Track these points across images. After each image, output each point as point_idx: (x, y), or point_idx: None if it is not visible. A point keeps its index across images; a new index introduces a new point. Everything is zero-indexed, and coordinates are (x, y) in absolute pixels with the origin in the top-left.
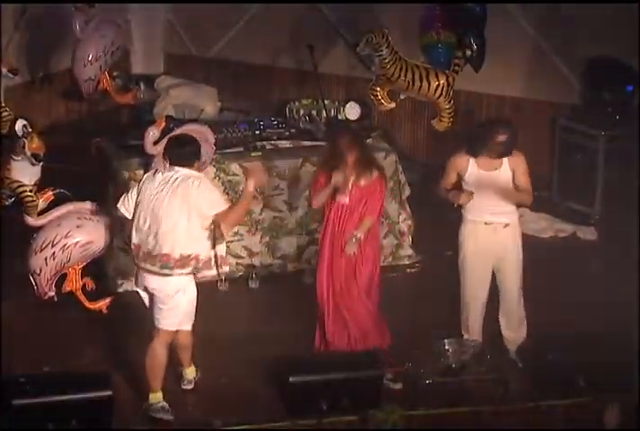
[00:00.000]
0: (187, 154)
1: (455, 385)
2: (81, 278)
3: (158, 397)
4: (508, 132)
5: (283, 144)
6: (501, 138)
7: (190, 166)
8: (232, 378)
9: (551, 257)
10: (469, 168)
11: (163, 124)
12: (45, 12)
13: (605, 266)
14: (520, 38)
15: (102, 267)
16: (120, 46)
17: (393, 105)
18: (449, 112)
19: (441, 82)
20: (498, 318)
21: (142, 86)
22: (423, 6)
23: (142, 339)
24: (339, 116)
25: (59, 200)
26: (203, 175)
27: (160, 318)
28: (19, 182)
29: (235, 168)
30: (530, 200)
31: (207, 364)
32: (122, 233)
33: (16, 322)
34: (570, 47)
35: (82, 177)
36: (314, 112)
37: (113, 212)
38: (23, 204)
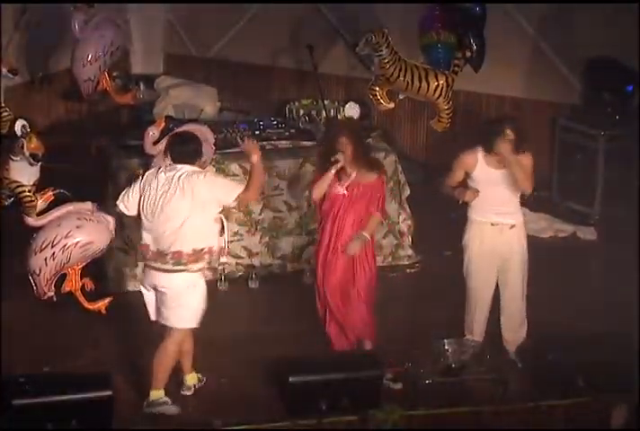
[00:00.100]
0: (189, 152)
1: (455, 385)
2: (80, 279)
3: (160, 394)
4: (516, 129)
5: (283, 144)
6: (509, 135)
7: (192, 163)
8: (232, 378)
9: (551, 257)
10: (477, 165)
11: (162, 124)
12: (45, 12)
13: (605, 266)
14: (520, 38)
15: (102, 267)
16: (120, 46)
17: (392, 105)
18: (448, 113)
19: (440, 82)
20: (498, 318)
21: (142, 86)
22: (423, 6)
23: (142, 339)
24: (339, 116)
25: (59, 200)
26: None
27: (172, 316)
28: (17, 183)
29: (235, 168)
30: (530, 187)
31: (206, 364)
32: (122, 234)
33: (16, 322)
34: (570, 47)
35: (82, 177)
36: (313, 112)
37: (113, 212)
38: (22, 204)
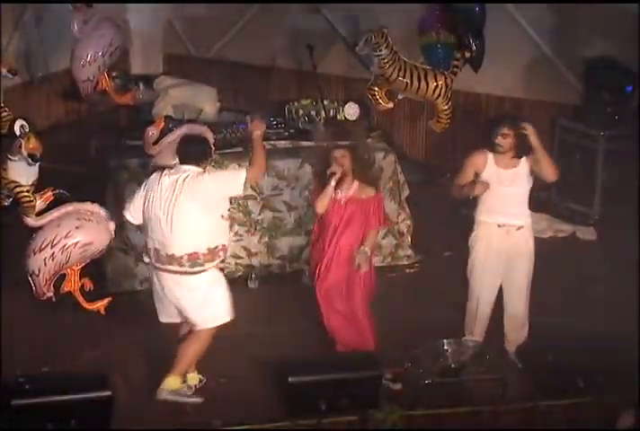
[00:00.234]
0: (200, 153)
1: (454, 385)
2: (79, 279)
3: (179, 381)
4: (512, 128)
5: (282, 144)
6: (503, 133)
7: (200, 165)
8: (232, 378)
9: (550, 257)
10: (487, 166)
11: (162, 124)
12: (45, 12)
13: (605, 266)
14: (520, 38)
15: (101, 267)
16: (119, 46)
17: (391, 105)
18: (447, 113)
19: (440, 83)
20: (498, 318)
21: (141, 86)
22: (423, 7)
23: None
24: (338, 116)
25: (59, 201)
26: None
27: (200, 318)
28: (16, 183)
29: (234, 168)
30: (555, 174)
31: (206, 364)
32: (121, 234)
33: (16, 322)
34: (570, 47)
35: (81, 177)
36: (313, 112)
37: (113, 212)
38: (20, 204)
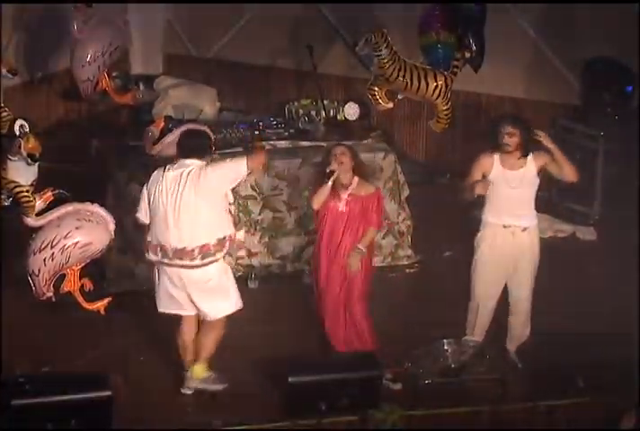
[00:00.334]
0: (202, 146)
1: (454, 385)
2: (79, 279)
3: (206, 369)
4: (515, 126)
5: (282, 144)
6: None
7: (202, 158)
8: (231, 378)
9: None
10: (493, 167)
11: (162, 124)
12: (45, 12)
13: (604, 266)
14: (520, 38)
15: (101, 267)
16: (119, 46)
17: (391, 105)
18: (447, 113)
19: (439, 83)
20: (497, 318)
21: (141, 86)
22: (423, 6)
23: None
24: (338, 116)
25: (59, 201)
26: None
27: (208, 309)
28: (15, 183)
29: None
30: (575, 174)
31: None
32: (121, 234)
33: (16, 322)
34: (569, 47)
35: (81, 177)
36: (313, 112)
37: (113, 213)
38: (20, 204)
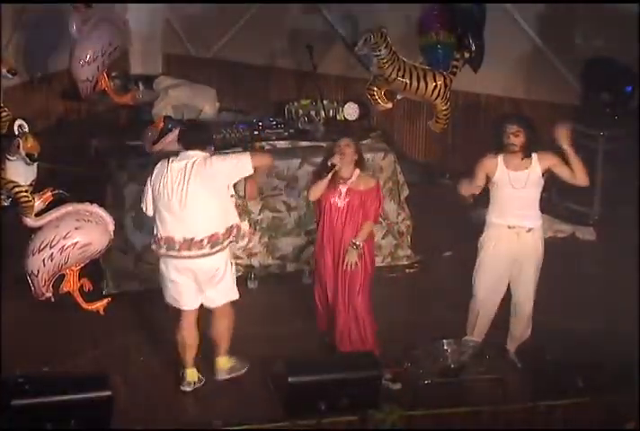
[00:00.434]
0: (204, 138)
1: (454, 385)
2: (79, 279)
3: (228, 360)
4: (520, 125)
5: (282, 144)
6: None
7: (204, 150)
8: (231, 378)
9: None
10: (498, 169)
11: (161, 124)
12: (44, 12)
13: (604, 266)
14: (520, 38)
15: (100, 267)
16: (118, 46)
17: (390, 105)
18: (446, 114)
19: (439, 83)
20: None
21: (141, 87)
22: (423, 7)
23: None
24: (338, 116)
25: (58, 201)
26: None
27: (218, 295)
28: (14, 183)
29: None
30: (586, 179)
31: (206, 364)
32: (121, 234)
33: (16, 322)
34: (569, 47)
35: (81, 178)
36: (312, 113)
37: (112, 213)
38: (19, 204)
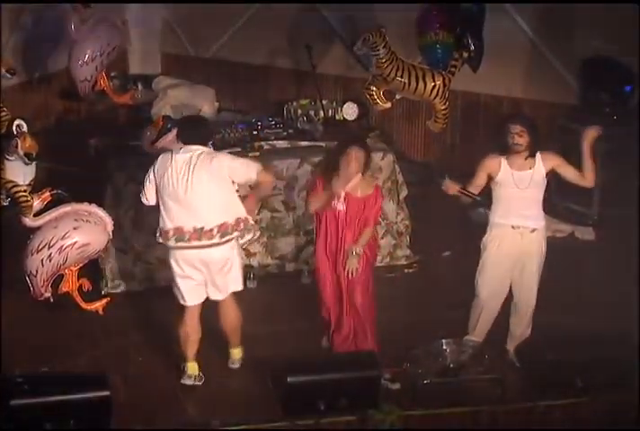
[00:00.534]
0: (203, 132)
1: (453, 385)
2: (77, 279)
3: (241, 351)
4: (523, 125)
5: (281, 144)
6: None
7: (205, 145)
8: (230, 378)
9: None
10: (501, 169)
11: (160, 124)
12: (43, 12)
13: (604, 266)
14: (519, 38)
15: (99, 267)
16: (117, 46)
17: (388, 105)
18: (445, 113)
19: (437, 83)
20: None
21: (140, 86)
22: (422, 7)
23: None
24: (337, 116)
25: (57, 201)
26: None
27: (225, 285)
28: (13, 182)
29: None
30: (593, 180)
31: (205, 364)
32: (120, 234)
33: (16, 322)
34: (568, 47)
35: (79, 178)
36: (312, 112)
37: (111, 213)
38: (18, 204)
